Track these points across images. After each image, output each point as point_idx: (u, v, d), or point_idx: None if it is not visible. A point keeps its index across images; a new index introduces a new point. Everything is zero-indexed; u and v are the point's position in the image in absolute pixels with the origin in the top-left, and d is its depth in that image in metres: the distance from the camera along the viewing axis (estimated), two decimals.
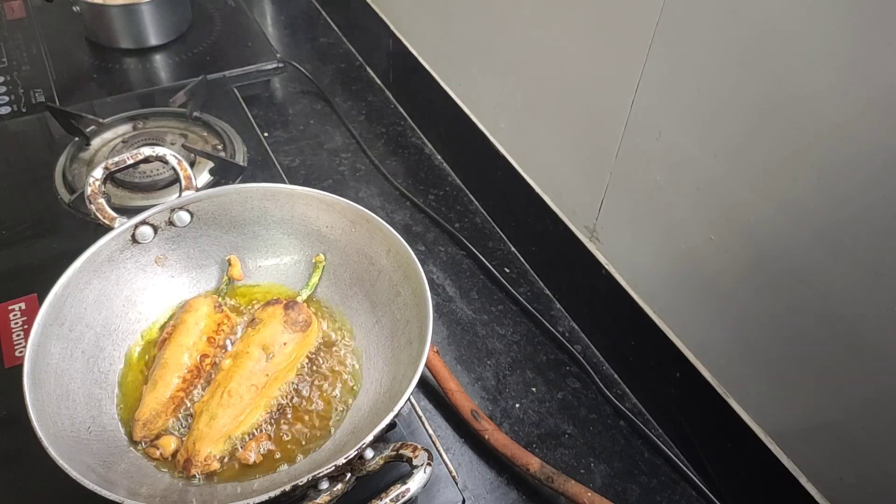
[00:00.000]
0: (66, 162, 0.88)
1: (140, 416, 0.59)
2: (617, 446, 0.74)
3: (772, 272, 0.57)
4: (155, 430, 0.60)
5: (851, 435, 0.55)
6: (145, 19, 1.09)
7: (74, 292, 0.61)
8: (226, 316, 0.67)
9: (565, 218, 0.82)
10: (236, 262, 0.71)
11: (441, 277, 0.90)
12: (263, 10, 1.36)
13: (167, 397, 0.60)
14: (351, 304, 0.69)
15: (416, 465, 0.53)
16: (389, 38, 1.11)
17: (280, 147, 1.06)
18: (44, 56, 1.06)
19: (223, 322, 0.67)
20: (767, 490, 0.64)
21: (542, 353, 0.82)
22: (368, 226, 0.67)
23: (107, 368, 0.63)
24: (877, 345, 0.51)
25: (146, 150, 0.69)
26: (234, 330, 0.67)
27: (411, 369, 0.56)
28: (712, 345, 0.66)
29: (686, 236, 0.65)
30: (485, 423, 0.70)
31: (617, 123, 0.68)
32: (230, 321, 0.68)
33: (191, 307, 0.66)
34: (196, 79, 0.99)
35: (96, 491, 0.47)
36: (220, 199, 0.69)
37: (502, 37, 0.83)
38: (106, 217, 0.66)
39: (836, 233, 0.51)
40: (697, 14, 0.56)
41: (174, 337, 0.64)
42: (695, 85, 0.59)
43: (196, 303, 0.67)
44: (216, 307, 0.67)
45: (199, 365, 0.63)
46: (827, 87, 0.48)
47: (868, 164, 0.47)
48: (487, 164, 0.93)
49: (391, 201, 1.00)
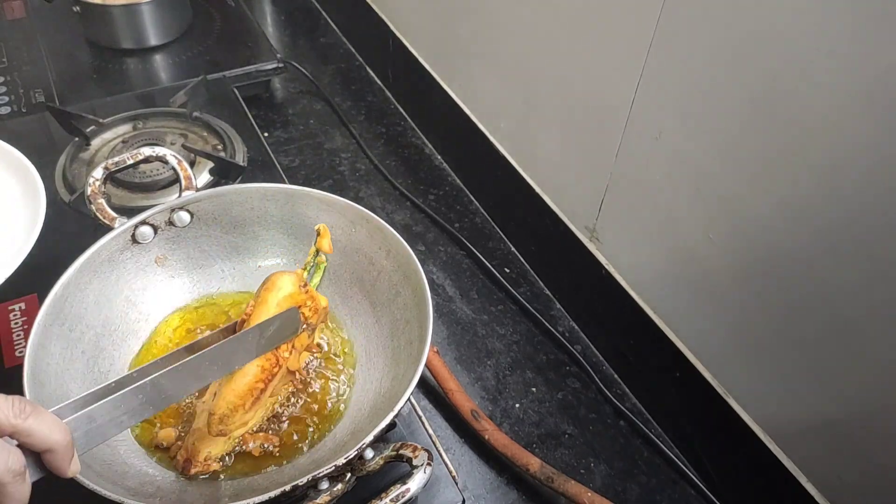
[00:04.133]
0: (66, 162, 0.88)
1: (216, 411, 0.55)
2: (617, 446, 0.74)
3: (771, 272, 0.57)
4: (233, 427, 0.55)
5: (851, 434, 0.55)
6: (145, 19, 1.09)
7: (74, 292, 0.61)
8: (311, 297, 0.60)
9: (565, 218, 0.82)
10: (326, 232, 0.63)
11: (441, 277, 0.90)
12: (263, 10, 1.36)
13: (246, 389, 0.55)
14: (351, 304, 0.69)
15: (416, 465, 0.53)
16: (389, 38, 1.11)
17: (280, 147, 1.06)
18: (44, 56, 1.06)
19: (307, 303, 0.59)
20: (767, 490, 0.64)
21: (542, 353, 0.82)
22: (368, 226, 0.67)
23: (107, 368, 0.63)
24: (876, 344, 0.51)
25: (146, 150, 0.69)
26: (318, 313, 0.60)
27: (411, 369, 0.56)
28: (712, 344, 0.67)
29: (686, 236, 0.65)
30: (485, 423, 0.70)
31: (617, 123, 0.68)
32: (315, 303, 0.60)
33: (273, 285, 0.59)
34: (196, 79, 0.99)
35: (96, 491, 0.47)
36: (220, 199, 0.69)
37: (502, 37, 0.83)
38: (106, 217, 0.66)
39: (835, 232, 0.51)
40: (697, 14, 0.56)
41: (253, 318, 0.57)
42: (695, 85, 0.59)
43: (279, 280, 0.59)
44: (301, 286, 0.60)
45: (278, 353, 0.57)
46: (826, 86, 0.48)
47: (866, 163, 0.47)
48: (487, 164, 0.93)
49: (391, 201, 1.00)
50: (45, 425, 0.38)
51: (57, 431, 0.38)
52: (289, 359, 0.58)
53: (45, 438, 0.38)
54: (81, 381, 0.59)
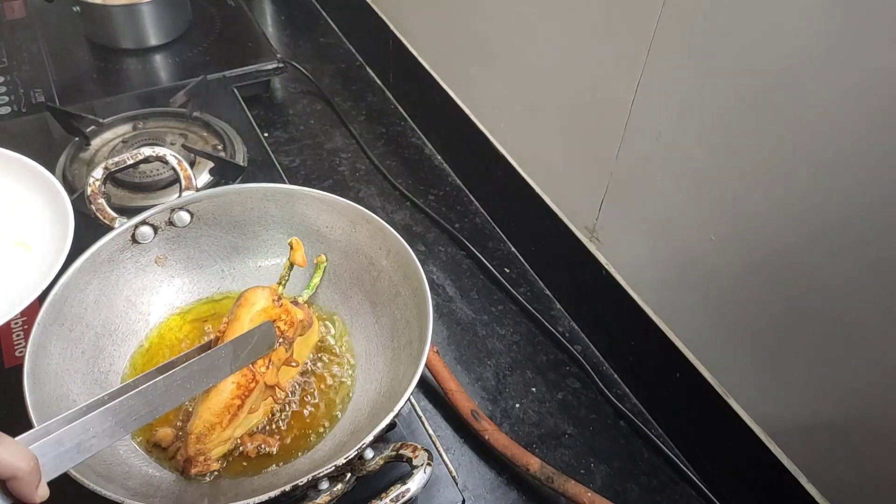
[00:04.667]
0: (66, 162, 0.88)
1: (193, 430, 0.55)
2: (617, 446, 0.74)
3: (772, 272, 0.57)
4: (211, 446, 0.55)
5: (851, 434, 0.55)
6: (145, 19, 1.09)
7: (74, 292, 0.61)
8: (285, 310, 0.60)
9: (565, 218, 0.82)
10: (299, 246, 0.62)
11: (441, 277, 0.90)
12: (263, 10, 1.36)
13: (222, 406, 0.55)
14: (351, 305, 0.69)
15: (416, 465, 0.53)
16: (389, 38, 1.11)
17: (280, 147, 1.06)
18: (44, 56, 1.06)
19: (282, 317, 0.59)
20: (767, 490, 0.64)
21: (542, 353, 0.82)
22: (368, 226, 0.67)
23: (107, 368, 0.63)
24: (877, 344, 0.51)
25: (146, 150, 0.69)
26: (295, 327, 0.59)
27: (411, 369, 0.56)
28: (712, 344, 0.66)
29: (686, 236, 0.65)
30: (485, 423, 0.70)
31: (617, 123, 0.68)
32: (290, 316, 0.59)
33: (245, 301, 0.59)
34: (196, 79, 0.99)
35: (96, 491, 0.47)
36: (220, 199, 0.69)
37: (503, 37, 0.83)
38: (106, 217, 0.66)
39: (835, 232, 0.51)
40: (697, 14, 0.56)
41: (227, 335, 0.57)
42: (695, 85, 0.59)
43: (252, 296, 0.59)
44: (275, 301, 0.60)
45: (254, 369, 0.57)
46: (826, 86, 0.48)
47: (867, 162, 0.47)
48: (487, 164, 0.93)
49: (391, 201, 1.00)
50: (8, 453, 0.38)
51: (20, 458, 0.38)
52: (266, 374, 0.58)
53: (7, 465, 0.37)
54: (81, 382, 0.59)
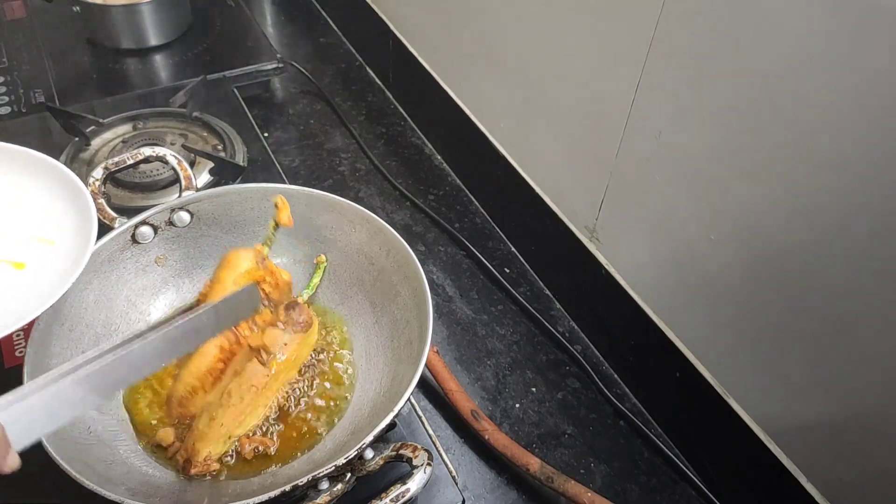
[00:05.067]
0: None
1: (174, 393, 0.53)
2: (617, 446, 0.74)
3: (771, 271, 0.57)
4: (193, 410, 0.53)
5: (851, 434, 0.55)
6: (145, 19, 1.09)
7: (74, 292, 0.61)
8: (270, 272, 0.58)
9: (565, 218, 0.82)
10: (285, 205, 0.60)
11: (441, 277, 0.90)
12: (263, 10, 1.36)
13: (204, 370, 0.53)
14: (351, 305, 0.69)
15: (416, 465, 0.53)
16: (389, 38, 1.11)
17: (280, 147, 1.06)
18: (44, 56, 1.06)
19: (267, 279, 0.58)
20: (767, 490, 0.64)
21: (542, 353, 0.82)
22: (368, 226, 0.67)
23: None
24: (877, 344, 0.51)
25: (146, 150, 0.69)
26: (280, 288, 0.57)
27: (411, 369, 0.56)
28: (712, 344, 0.66)
29: (686, 236, 0.65)
30: (485, 423, 0.70)
31: (617, 123, 0.68)
32: (275, 277, 0.58)
33: (228, 262, 0.57)
34: (196, 79, 0.99)
35: (96, 491, 0.47)
36: (220, 199, 0.69)
37: (503, 37, 0.83)
38: (106, 217, 0.66)
39: (835, 232, 0.51)
40: (697, 14, 0.56)
41: (209, 298, 0.56)
42: (695, 84, 0.59)
43: (234, 257, 0.58)
44: (259, 262, 0.58)
45: (238, 332, 0.55)
46: (826, 86, 0.48)
47: (866, 162, 0.47)
48: (487, 164, 0.93)
49: (391, 201, 1.00)
50: None
51: None
52: (250, 336, 0.56)
53: None
54: None
